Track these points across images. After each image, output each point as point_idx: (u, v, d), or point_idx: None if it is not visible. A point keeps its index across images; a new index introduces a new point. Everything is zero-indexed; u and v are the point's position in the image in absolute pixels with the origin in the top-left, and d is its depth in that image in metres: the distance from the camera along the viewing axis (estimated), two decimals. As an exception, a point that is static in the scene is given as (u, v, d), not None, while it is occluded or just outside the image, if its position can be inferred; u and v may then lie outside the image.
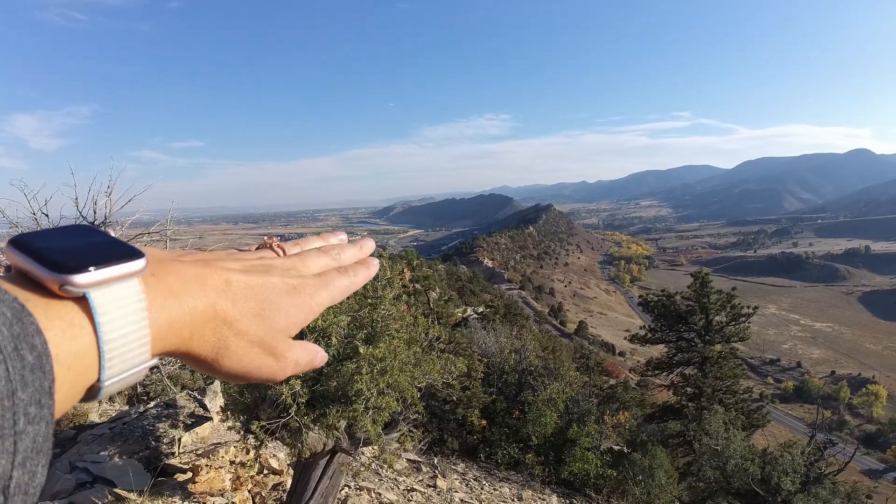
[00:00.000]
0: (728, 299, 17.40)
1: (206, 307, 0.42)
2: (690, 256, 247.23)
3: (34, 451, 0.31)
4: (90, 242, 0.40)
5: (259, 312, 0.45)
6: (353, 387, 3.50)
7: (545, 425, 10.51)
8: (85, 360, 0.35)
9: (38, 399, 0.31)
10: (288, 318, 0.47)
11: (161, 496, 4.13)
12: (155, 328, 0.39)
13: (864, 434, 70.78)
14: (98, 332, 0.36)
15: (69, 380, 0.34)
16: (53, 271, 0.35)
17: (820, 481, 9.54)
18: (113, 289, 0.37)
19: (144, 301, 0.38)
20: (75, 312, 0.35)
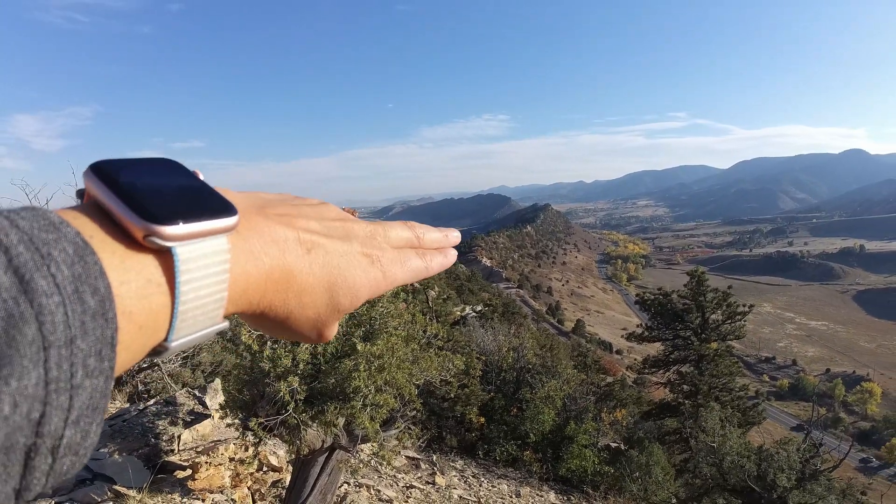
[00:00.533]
0: (724, 298, 17.50)
1: (282, 275, 0.40)
2: (687, 255, 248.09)
3: (90, 407, 0.28)
4: (181, 186, 0.37)
5: (330, 286, 0.43)
6: (351, 384, 3.52)
7: (543, 423, 10.56)
8: (157, 319, 0.33)
9: (99, 350, 0.28)
10: (354, 297, 0.45)
11: (160, 493, 4.14)
12: (232, 292, 0.37)
13: (858, 431, 71.25)
14: (176, 293, 0.33)
15: (138, 338, 0.32)
16: (141, 217, 0.32)
17: (815, 478, 9.60)
18: (200, 246, 0.35)
19: (228, 262, 0.36)
20: (154, 268, 0.33)
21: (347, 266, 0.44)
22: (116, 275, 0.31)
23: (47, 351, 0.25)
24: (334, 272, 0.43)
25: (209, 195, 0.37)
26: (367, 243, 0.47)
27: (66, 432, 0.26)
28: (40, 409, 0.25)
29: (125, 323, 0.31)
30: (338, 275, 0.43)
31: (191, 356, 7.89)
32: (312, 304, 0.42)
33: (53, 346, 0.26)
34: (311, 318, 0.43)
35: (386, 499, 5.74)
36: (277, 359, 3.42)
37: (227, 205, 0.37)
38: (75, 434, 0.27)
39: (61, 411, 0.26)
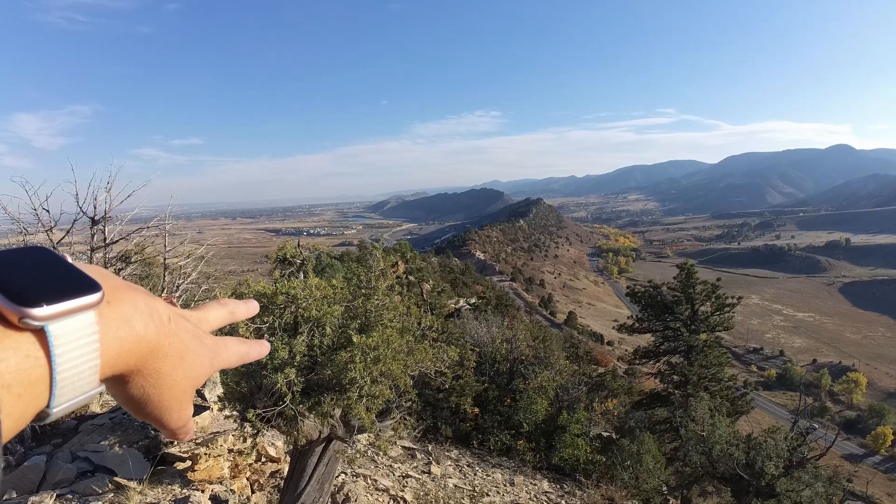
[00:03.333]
0: (713, 290, 17.67)
1: (151, 338, 0.44)
2: (676, 248, 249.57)
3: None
4: (49, 270, 0.41)
5: (183, 354, 0.47)
6: (347, 375, 3.55)
7: (536, 412, 10.66)
8: (36, 389, 0.37)
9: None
10: (201, 368, 0.50)
11: (161, 484, 4.18)
12: (105, 359, 0.41)
13: (844, 420, 72.20)
14: (53, 364, 0.37)
15: (19, 407, 0.36)
16: (14, 302, 0.37)
17: (802, 466, 9.76)
18: (69, 322, 0.39)
19: (97, 333, 0.40)
20: (31, 344, 0.37)
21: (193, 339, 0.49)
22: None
23: None
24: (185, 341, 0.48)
25: (76, 277, 0.41)
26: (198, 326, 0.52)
27: None
28: None
29: (5, 393, 0.34)
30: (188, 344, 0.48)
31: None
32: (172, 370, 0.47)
33: None
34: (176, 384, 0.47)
35: (382, 488, 5.81)
36: (274, 351, 3.45)
37: (92, 283, 0.42)
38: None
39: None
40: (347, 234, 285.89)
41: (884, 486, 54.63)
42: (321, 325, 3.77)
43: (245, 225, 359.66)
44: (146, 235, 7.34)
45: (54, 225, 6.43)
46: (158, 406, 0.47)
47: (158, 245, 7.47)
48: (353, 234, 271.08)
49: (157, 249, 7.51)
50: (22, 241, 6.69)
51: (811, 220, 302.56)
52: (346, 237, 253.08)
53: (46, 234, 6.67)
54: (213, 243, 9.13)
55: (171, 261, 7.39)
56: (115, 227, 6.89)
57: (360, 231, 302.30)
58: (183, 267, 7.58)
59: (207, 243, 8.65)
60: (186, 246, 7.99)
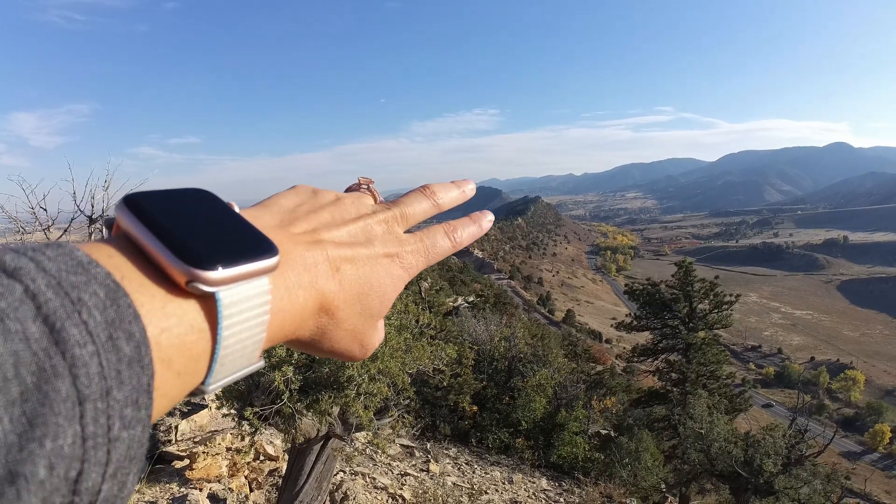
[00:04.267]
0: (711, 287, 17.71)
1: (315, 302, 0.39)
2: (674, 246, 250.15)
3: (128, 458, 0.26)
4: (220, 224, 0.35)
5: (360, 297, 0.42)
6: (345, 373, 3.56)
7: (534, 410, 10.68)
8: (197, 364, 0.32)
9: (136, 399, 0.26)
10: (383, 300, 0.45)
11: (159, 483, 4.18)
12: (269, 331, 0.35)
13: (842, 418, 72.58)
14: (218, 338, 0.32)
15: (177, 387, 0.31)
16: (184, 262, 0.30)
17: (800, 463, 9.78)
18: (242, 289, 0.33)
19: (269, 304, 0.35)
20: (196, 312, 0.31)
21: (373, 272, 0.44)
22: (156, 320, 0.29)
23: (83, 406, 0.23)
24: (363, 282, 0.43)
25: (249, 233, 0.36)
26: (387, 242, 0.46)
27: (104, 486, 0.25)
28: (77, 467, 0.23)
29: (163, 370, 0.29)
30: (365, 283, 0.43)
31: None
32: (346, 319, 0.42)
33: (89, 401, 0.24)
34: (349, 332, 0.43)
35: (381, 486, 5.82)
36: (272, 349, 3.45)
37: (268, 244, 0.36)
38: (112, 487, 0.25)
39: (99, 466, 0.24)
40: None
41: (882, 483, 54.93)
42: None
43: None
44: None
45: (52, 223, 6.43)
46: (333, 351, 0.43)
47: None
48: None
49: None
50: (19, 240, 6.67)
51: (809, 217, 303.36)
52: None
53: (44, 232, 6.66)
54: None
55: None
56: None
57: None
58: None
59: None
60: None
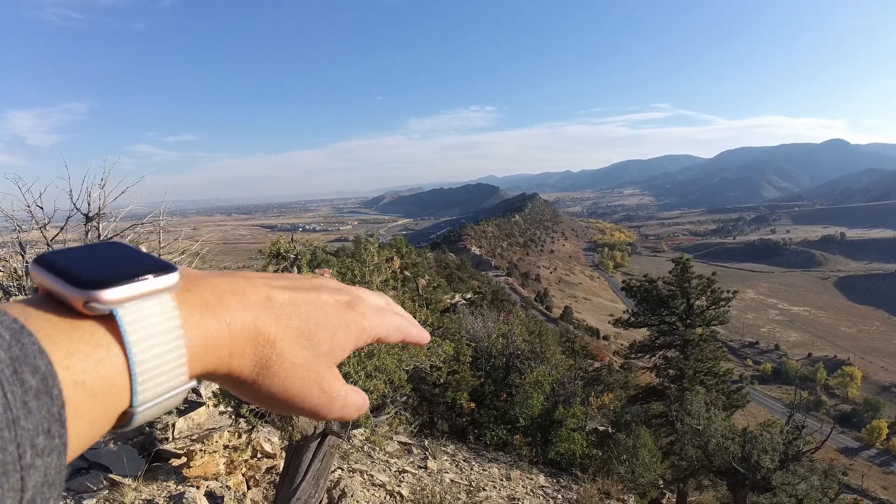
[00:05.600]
0: (708, 284, 17.75)
1: (247, 323, 0.38)
2: (672, 243, 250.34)
3: (46, 485, 0.27)
4: (118, 257, 0.36)
5: (304, 332, 0.41)
6: (341, 370, 3.54)
7: (532, 407, 10.69)
8: (114, 385, 0.32)
9: (48, 428, 0.27)
10: (334, 339, 0.43)
11: (156, 481, 4.17)
12: (191, 346, 0.35)
13: (839, 414, 72.81)
14: (128, 353, 0.32)
15: (97, 407, 0.31)
16: (77, 287, 0.32)
17: (798, 459, 9.81)
18: (143, 305, 0.34)
19: (178, 318, 0.35)
20: (102, 333, 0.32)
21: (318, 311, 0.43)
22: (63, 346, 0.30)
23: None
24: (305, 318, 0.42)
25: (148, 260, 0.37)
26: (338, 293, 0.46)
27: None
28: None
29: (78, 393, 0.30)
30: (309, 320, 0.42)
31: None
32: (291, 352, 0.40)
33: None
34: (300, 367, 0.41)
35: (379, 483, 5.82)
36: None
37: (166, 265, 0.37)
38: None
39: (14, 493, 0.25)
40: (343, 229, 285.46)
41: (879, 479, 55.18)
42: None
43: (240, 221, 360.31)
44: (141, 232, 7.31)
45: (48, 222, 6.39)
46: (288, 395, 0.41)
47: (153, 242, 7.44)
48: (348, 230, 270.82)
49: (152, 246, 7.48)
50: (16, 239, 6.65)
51: (806, 214, 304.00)
52: (342, 233, 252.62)
53: (40, 230, 6.63)
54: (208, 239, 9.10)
55: (166, 257, 7.35)
56: (109, 224, 6.85)
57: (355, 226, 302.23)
58: (178, 263, 7.54)
59: (202, 239, 8.62)
60: (182, 242, 7.96)
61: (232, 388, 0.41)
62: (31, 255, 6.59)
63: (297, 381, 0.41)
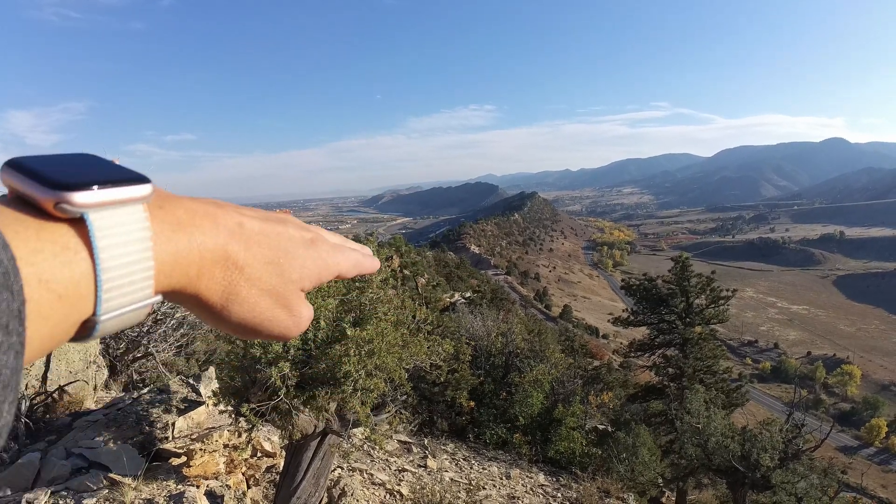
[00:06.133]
0: (707, 283, 17.76)
1: (217, 246, 0.39)
2: (671, 242, 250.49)
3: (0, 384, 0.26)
4: (92, 165, 0.36)
5: (273, 260, 0.42)
6: (342, 369, 3.54)
7: (532, 406, 10.69)
8: (79, 288, 0.31)
9: (5, 323, 0.26)
10: (303, 269, 0.44)
11: (156, 480, 4.16)
12: (160, 261, 0.35)
13: (839, 412, 72.93)
14: (96, 258, 0.32)
15: (60, 310, 0.31)
16: (48, 188, 0.32)
17: (797, 457, 9.83)
18: (114, 213, 0.34)
19: (150, 230, 0.35)
20: (70, 236, 0.32)
21: (287, 243, 0.44)
22: (29, 244, 0.30)
23: None
24: (274, 247, 0.43)
25: (122, 170, 0.37)
26: (303, 229, 0.47)
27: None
28: None
29: (42, 292, 0.29)
30: (278, 247, 0.43)
31: (185, 345, 7.88)
32: (259, 277, 0.41)
33: None
34: (267, 292, 0.42)
35: (378, 482, 5.82)
36: (268, 345, 3.44)
37: (140, 176, 0.37)
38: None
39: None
40: (342, 228, 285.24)
41: (878, 477, 55.24)
42: (315, 319, 3.76)
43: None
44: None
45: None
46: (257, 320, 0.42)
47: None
48: (348, 229, 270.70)
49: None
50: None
51: (805, 213, 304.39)
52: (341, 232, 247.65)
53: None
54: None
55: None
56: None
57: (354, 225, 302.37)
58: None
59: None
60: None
61: (200, 314, 0.41)
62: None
63: (265, 308, 0.42)
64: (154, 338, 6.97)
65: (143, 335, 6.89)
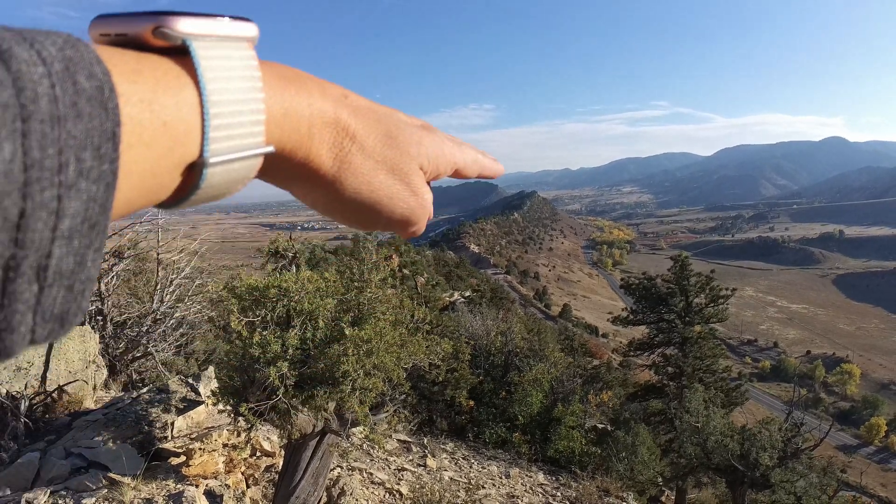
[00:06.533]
0: (707, 282, 17.79)
1: (326, 109, 0.35)
2: (670, 241, 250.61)
3: (85, 222, 0.22)
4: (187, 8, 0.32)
5: (386, 132, 0.38)
6: (340, 368, 3.55)
7: (531, 405, 10.70)
8: (185, 118, 0.28)
9: (97, 144, 0.22)
10: (420, 146, 0.40)
11: (155, 480, 4.16)
12: (270, 108, 0.32)
13: (838, 411, 72.93)
14: (202, 89, 0.28)
15: (164, 140, 0.26)
16: (146, 16, 0.28)
17: (797, 456, 9.84)
18: (220, 46, 0.30)
19: (259, 70, 0.31)
20: (172, 65, 0.28)
21: (397, 120, 0.40)
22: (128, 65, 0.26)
23: (26, 123, 0.19)
24: (385, 121, 0.39)
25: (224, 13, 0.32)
26: (412, 117, 0.44)
27: (56, 249, 0.20)
28: (18, 203, 0.19)
29: (144, 113, 0.25)
30: (389, 122, 0.39)
31: (184, 345, 7.90)
32: (374, 148, 0.37)
33: (34, 119, 0.20)
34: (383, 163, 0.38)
35: (378, 481, 5.83)
36: (267, 344, 3.45)
37: (244, 17, 0.33)
38: (67, 256, 0.21)
39: (47, 214, 0.20)
40: (341, 227, 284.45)
41: (877, 476, 55.30)
42: (314, 319, 3.77)
43: (239, 219, 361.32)
44: (138, 231, 7.31)
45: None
46: (376, 195, 0.38)
47: (151, 240, 7.45)
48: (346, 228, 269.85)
49: (151, 245, 7.49)
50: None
51: (805, 212, 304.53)
52: (340, 231, 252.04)
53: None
54: (206, 238, 9.09)
55: (164, 256, 7.36)
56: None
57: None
58: (177, 262, 7.56)
59: (201, 238, 8.61)
60: (180, 241, 7.97)
61: (310, 191, 0.37)
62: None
63: (383, 181, 0.38)
64: (153, 337, 6.98)
65: (142, 335, 6.90)
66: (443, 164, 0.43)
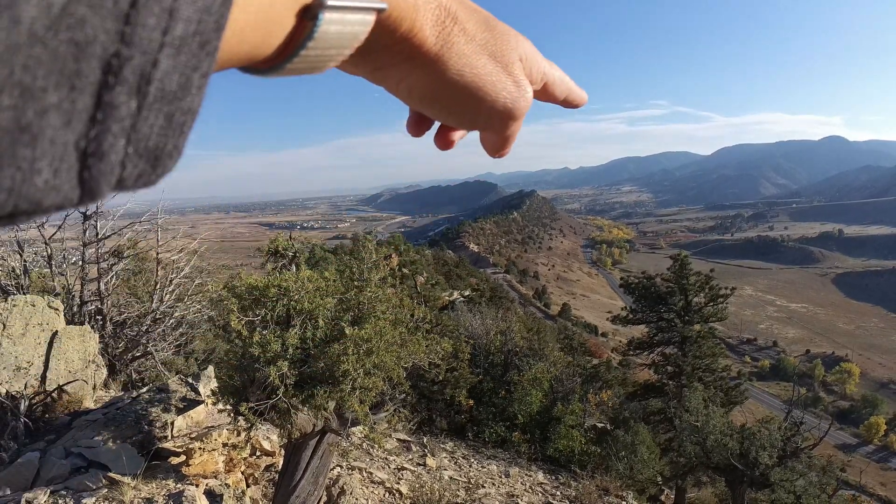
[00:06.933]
0: (706, 281, 17.78)
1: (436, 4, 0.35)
2: (670, 240, 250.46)
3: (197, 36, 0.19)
4: None
5: (487, 23, 0.38)
6: (340, 367, 3.55)
7: (531, 404, 10.70)
8: None
9: None
10: (519, 42, 0.40)
11: (155, 479, 4.16)
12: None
13: (837, 410, 72.91)
14: None
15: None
16: None
17: (796, 455, 9.85)
18: None
19: None
20: None
21: (498, 21, 0.40)
22: None
23: None
24: (487, 18, 0.38)
25: None
26: None
27: (162, 59, 0.18)
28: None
29: None
30: (489, 17, 0.39)
31: (184, 344, 7.89)
32: (475, 32, 0.37)
33: None
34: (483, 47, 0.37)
35: (378, 480, 5.83)
36: (266, 344, 3.44)
37: None
38: (173, 72, 0.19)
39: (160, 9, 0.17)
40: (341, 227, 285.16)
41: (877, 475, 55.36)
42: (314, 318, 3.77)
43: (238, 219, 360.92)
44: (138, 230, 7.32)
45: (45, 220, 6.38)
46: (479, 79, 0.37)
47: (151, 240, 7.45)
48: (346, 228, 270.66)
49: (150, 244, 7.49)
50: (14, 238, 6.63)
51: (804, 211, 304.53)
52: (340, 230, 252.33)
53: (38, 229, 6.62)
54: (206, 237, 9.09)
55: (163, 255, 7.37)
56: (106, 223, 6.86)
57: (353, 224, 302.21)
58: (176, 261, 7.56)
59: (200, 237, 8.62)
60: (179, 240, 7.97)
61: (408, 72, 0.36)
62: (29, 254, 6.57)
63: (485, 66, 0.37)
64: (153, 337, 6.98)
65: (141, 334, 6.90)
66: (535, 70, 0.42)
